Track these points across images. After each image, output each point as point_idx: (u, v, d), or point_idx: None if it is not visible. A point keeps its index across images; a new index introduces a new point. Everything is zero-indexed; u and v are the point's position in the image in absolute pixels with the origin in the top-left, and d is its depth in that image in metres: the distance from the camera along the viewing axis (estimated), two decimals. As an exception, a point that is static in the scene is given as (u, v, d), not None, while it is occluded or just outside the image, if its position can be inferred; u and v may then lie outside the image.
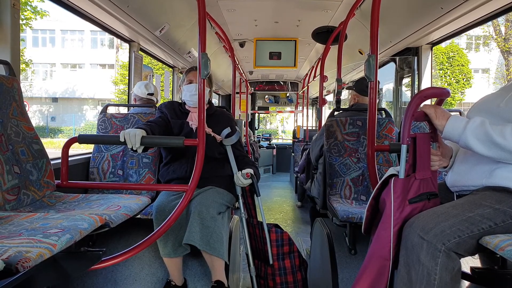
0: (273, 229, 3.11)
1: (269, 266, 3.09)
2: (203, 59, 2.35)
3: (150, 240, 2.35)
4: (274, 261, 3.09)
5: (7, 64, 2.32)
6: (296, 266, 3.12)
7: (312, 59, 8.23)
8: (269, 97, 13.04)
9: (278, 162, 13.81)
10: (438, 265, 1.75)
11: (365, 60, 2.50)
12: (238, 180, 3.04)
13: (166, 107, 3.31)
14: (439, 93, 2.05)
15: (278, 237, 3.11)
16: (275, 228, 3.12)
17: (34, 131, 2.34)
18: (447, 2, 3.33)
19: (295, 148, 10.04)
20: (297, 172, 7.52)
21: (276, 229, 3.12)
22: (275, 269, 3.09)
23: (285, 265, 3.10)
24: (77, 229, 1.50)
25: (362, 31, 4.94)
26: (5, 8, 2.49)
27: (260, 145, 12.59)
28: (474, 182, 2.04)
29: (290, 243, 3.13)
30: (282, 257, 3.11)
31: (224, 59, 7.45)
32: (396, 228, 1.93)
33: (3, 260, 1.15)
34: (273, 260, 3.08)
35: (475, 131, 1.90)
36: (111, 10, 3.52)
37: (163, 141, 2.75)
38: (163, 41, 4.85)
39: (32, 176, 2.22)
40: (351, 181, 3.51)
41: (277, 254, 3.10)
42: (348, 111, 3.89)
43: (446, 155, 2.21)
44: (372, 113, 2.54)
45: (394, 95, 5.47)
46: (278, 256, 3.10)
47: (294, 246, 3.14)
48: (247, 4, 5.04)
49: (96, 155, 3.56)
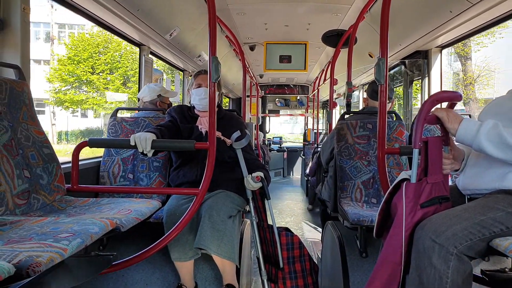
0: (283, 232, 3.09)
1: (280, 269, 3.07)
2: (213, 62, 2.34)
3: (161, 244, 2.35)
4: (284, 264, 3.07)
5: (17, 68, 2.32)
6: (307, 270, 3.10)
7: (322, 62, 8.22)
8: (279, 100, 13.04)
9: (288, 165, 13.81)
10: (450, 268, 1.74)
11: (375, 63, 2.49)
12: (248, 183, 3.03)
13: (175, 111, 3.31)
14: (452, 97, 2.04)
15: (289, 241, 3.09)
16: (285, 232, 3.11)
17: (44, 135, 2.34)
18: (456, 5, 3.31)
19: (305, 151, 10.03)
20: (308, 175, 7.51)
21: (286, 233, 3.10)
22: (286, 272, 3.07)
23: (296, 268, 3.08)
24: (88, 234, 1.50)
25: (372, 34, 4.93)
26: (15, 12, 2.49)
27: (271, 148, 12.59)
28: (486, 185, 2.02)
29: (301, 246, 3.10)
30: (292, 260, 3.09)
31: (235, 62, 7.46)
32: (408, 233, 1.92)
33: (14, 264, 1.15)
34: (283, 264, 3.06)
35: (488, 133, 1.88)
36: (122, 14, 3.53)
37: (174, 145, 2.75)
38: (173, 44, 4.86)
39: (42, 180, 2.22)
40: (361, 184, 3.50)
41: (287, 257, 3.09)
42: (359, 114, 3.88)
43: (458, 158, 2.19)
44: (383, 116, 2.52)
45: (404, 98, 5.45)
46: (288, 260, 3.08)
47: (304, 250, 3.12)
48: (257, 8, 5.04)
49: (107, 159, 3.57)
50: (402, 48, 4.74)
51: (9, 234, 1.54)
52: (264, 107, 12.65)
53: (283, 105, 13.14)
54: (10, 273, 1.11)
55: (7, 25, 2.48)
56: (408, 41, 4.54)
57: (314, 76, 10.05)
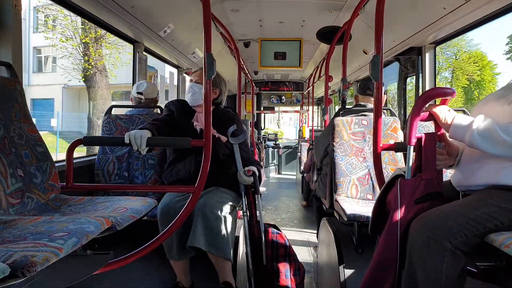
0: (269, 229, 3.08)
1: (263, 267, 3.06)
2: (208, 59, 2.33)
3: (157, 242, 2.34)
4: (267, 262, 3.05)
5: (9, 66, 2.30)
6: (291, 270, 3.07)
7: (317, 59, 8.23)
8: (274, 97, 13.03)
9: (284, 161, 13.81)
10: (444, 263, 1.76)
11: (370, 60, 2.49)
12: (240, 177, 3.04)
13: (174, 105, 3.30)
14: (444, 93, 2.05)
15: (274, 238, 3.07)
16: (271, 229, 3.09)
17: (37, 133, 2.32)
18: (449, 2, 3.33)
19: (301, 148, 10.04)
20: (303, 172, 7.52)
21: (272, 230, 3.09)
22: (268, 271, 3.05)
23: (278, 268, 3.05)
24: (83, 233, 1.49)
25: (366, 31, 4.93)
26: (6, 9, 2.46)
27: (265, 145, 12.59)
28: (480, 181, 2.03)
29: (286, 245, 3.08)
30: (276, 259, 3.06)
31: (229, 59, 7.45)
32: (403, 229, 1.93)
33: (9, 264, 1.14)
34: (266, 261, 3.05)
35: (480, 129, 1.90)
36: (115, 10, 3.52)
37: (169, 142, 2.75)
38: (167, 41, 4.85)
39: (36, 179, 2.20)
40: (357, 180, 3.51)
41: (271, 255, 3.06)
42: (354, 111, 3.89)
43: (452, 154, 2.20)
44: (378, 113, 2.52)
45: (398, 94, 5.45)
46: (272, 258, 3.06)
47: (290, 250, 3.08)
48: (252, 4, 5.05)
49: (101, 157, 3.56)
50: (396, 44, 4.74)
51: (3, 234, 1.53)
52: (259, 104, 12.64)
53: (278, 102, 13.13)
54: (4, 273, 1.10)
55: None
56: (402, 38, 4.54)
57: (308, 73, 10.05)
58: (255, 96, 10.16)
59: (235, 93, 9.26)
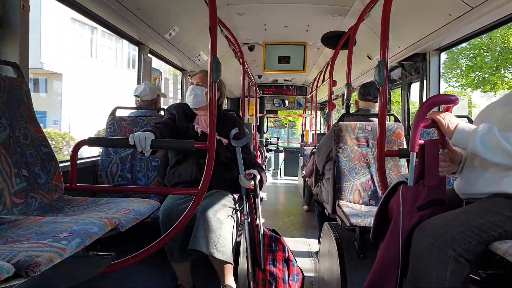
0: (268, 233, 3.07)
1: (261, 271, 3.05)
2: (214, 62, 2.33)
3: (159, 244, 2.34)
4: (265, 265, 3.05)
5: (16, 66, 2.31)
6: (289, 276, 3.06)
7: (321, 63, 8.23)
8: (277, 100, 13.03)
9: (286, 166, 13.80)
10: (448, 270, 1.75)
11: (375, 65, 2.49)
12: (241, 181, 3.04)
13: (176, 108, 3.31)
14: (448, 100, 2.05)
15: (272, 242, 3.07)
16: (270, 233, 3.09)
17: (43, 134, 2.32)
18: (455, 9, 3.32)
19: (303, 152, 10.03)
20: (305, 176, 7.51)
21: (271, 234, 3.08)
22: (266, 275, 3.04)
23: (277, 272, 3.04)
24: (87, 233, 1.50)
25: (370, 36, 4.93)
26: (14, 9, 2.47)
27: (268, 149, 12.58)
28: (483, 189, 2.03)
29: (285, 250, 3.06)
30: (274, 263, 3.05)
31: (233, 62, 7.45)
32: (405, 235, 1.93)
33: (13, 264, 1.15)
34: (264, 265, 3.04)
35: (483, 137, 1.90)
36: (121, 12, 3.53)
37: (173, 144, 2.75)
38: (172, 44, 4.86)
39: (40, 179, 2.21)
40: (360, 185, 3.51)
41: (270, 259, 3.06)
42: (358, 116, 3.89)
43: (455, 161, 2.20)
44: (383, 118, 2.52)
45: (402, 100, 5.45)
46: (270, 262, 3.05)
47: (289, 255, 3.06)
48: (257, 8, 5.05)
49: (105, 158, 3.57)
50: (401, 50, 4.74)
51: (7, 233, 1.54)
52: (262, 107, 12.64)
53: (281, 106, 13.13)
54: (9, 273, 1.10)
55: (6, 22, 2.46)
56: (406, 44, 4.54)
57: (312, 77, 10.05)
58: (258, 100, 10.17)
59: (239, 96, 9.26)
